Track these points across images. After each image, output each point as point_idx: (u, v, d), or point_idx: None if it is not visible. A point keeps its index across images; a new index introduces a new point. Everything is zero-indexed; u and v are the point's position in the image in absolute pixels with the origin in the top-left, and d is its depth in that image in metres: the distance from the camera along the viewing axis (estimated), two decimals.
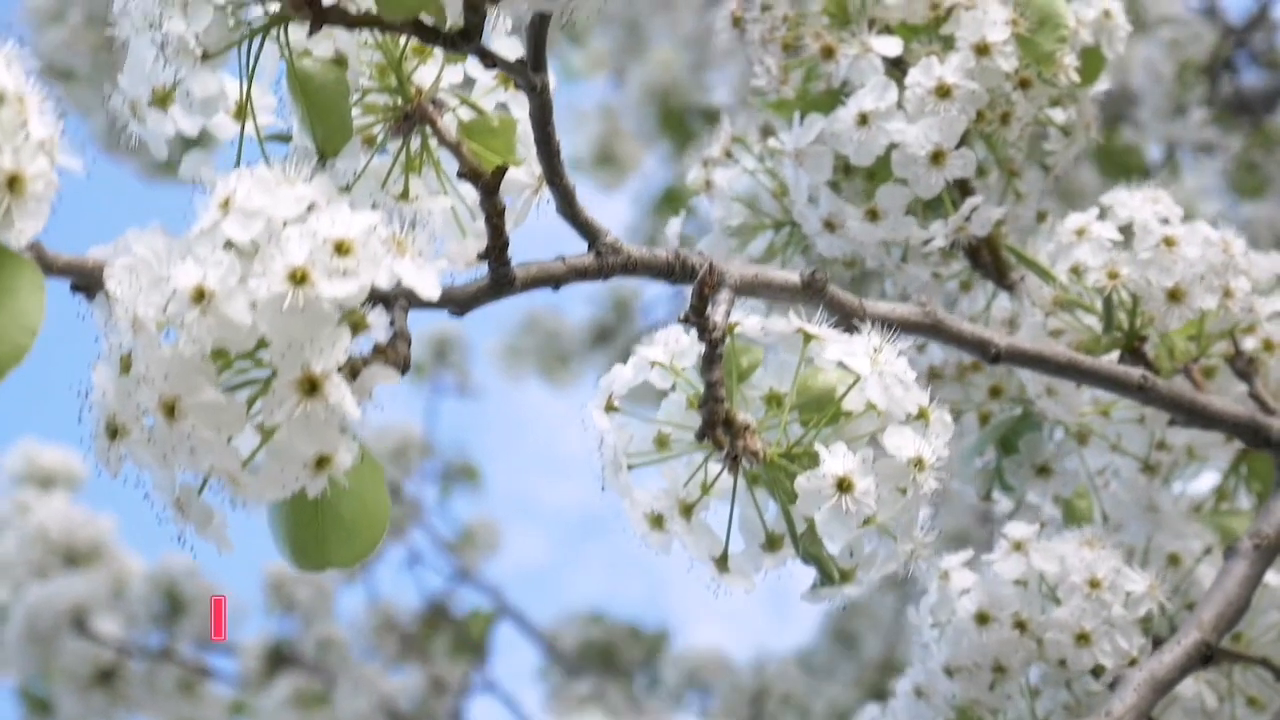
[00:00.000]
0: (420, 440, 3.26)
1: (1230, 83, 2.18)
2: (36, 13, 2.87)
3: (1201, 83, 2.14)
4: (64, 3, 2.85)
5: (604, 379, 0.84)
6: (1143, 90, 2.17)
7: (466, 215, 0.83)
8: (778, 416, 0.83)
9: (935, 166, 0.98)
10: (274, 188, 0.64)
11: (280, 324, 0.62)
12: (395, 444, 3.19)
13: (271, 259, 0.62)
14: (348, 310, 0.64)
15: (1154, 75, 2.14)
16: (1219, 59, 2.15)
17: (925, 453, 0.80)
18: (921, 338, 0.92)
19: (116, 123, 0.73)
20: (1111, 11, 1.05)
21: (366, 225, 0.64)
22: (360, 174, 0.81)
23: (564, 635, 3.24)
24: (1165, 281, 0.98)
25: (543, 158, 0.79)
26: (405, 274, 0.65)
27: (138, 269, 0.64)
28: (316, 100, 0.75)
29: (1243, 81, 2.19)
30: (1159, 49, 2.16)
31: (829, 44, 1.00)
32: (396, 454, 3.19)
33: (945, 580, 0.98)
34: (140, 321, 0.63)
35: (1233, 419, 0.98)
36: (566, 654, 3.20)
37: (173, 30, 0.70)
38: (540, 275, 0.80)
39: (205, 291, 0.61)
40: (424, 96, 0.80)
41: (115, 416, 0.64)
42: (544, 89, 0.77)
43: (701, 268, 0.83)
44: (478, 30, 0.74)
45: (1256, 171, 2.19)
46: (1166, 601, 0.98)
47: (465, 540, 3.28)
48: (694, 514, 0.83)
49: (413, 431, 3.26)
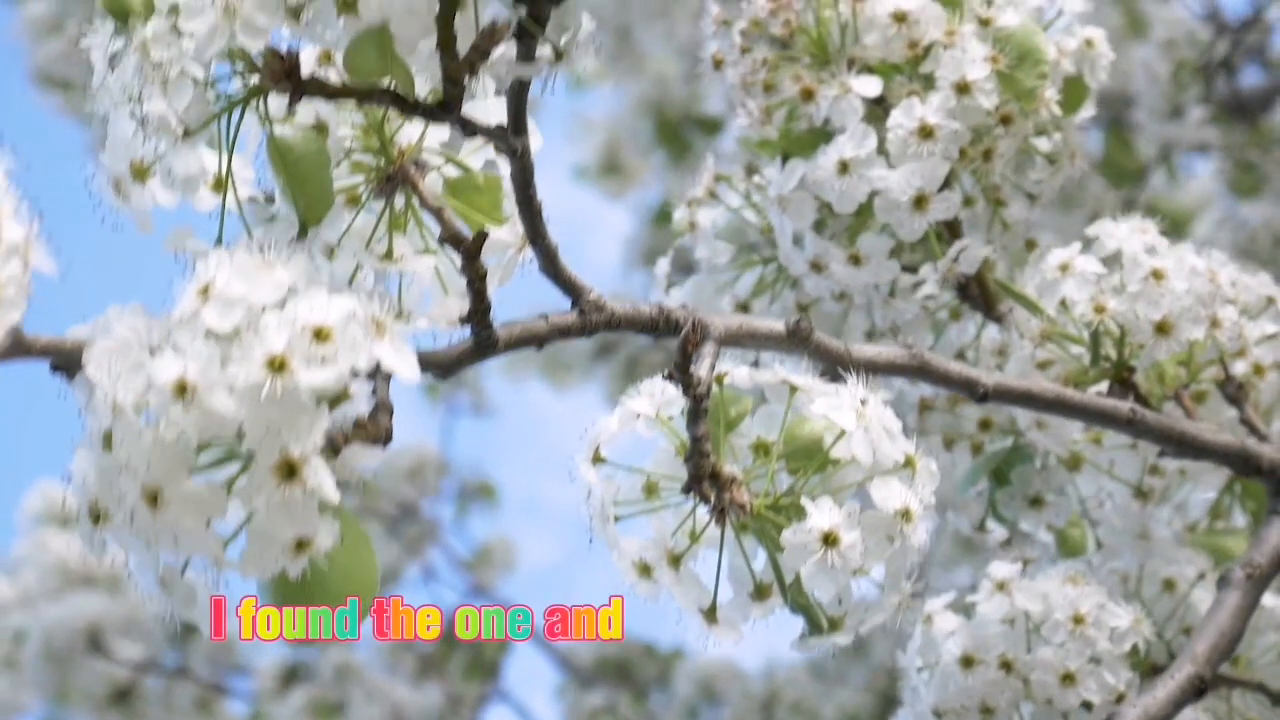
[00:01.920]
0: (436, 459, 3.27)
1: (1226, 83, 2.18)
2: (34, 23, 2.89)
3: (1198, 83, 2.14)
4: (62, 13, 2.86)
5: (590, 431, 0.84)
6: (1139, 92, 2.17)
7: (452, 273, 0.83)
8: (765, 466, 0.84)
9: (918, 211, 0.99)
10: (253, 273, 0.64)
11: (258, 412, 0.62)
12: (411, 463, 3.20)
13: (250, 346, 0.63)
14: None
15: (1150, 76, 2.14)
16: (1215, 59, 2.15)
17: (912, 504, 0.80)
18: (908, 379, 0.92)
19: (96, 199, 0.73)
20: (1093, 40, 1.06)
21: (345, 311, 0.64)
22: (345, 233, 0.81)
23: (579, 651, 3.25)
24: (1153, 314, 0.98)
25: (525, 218, 0.80)
26: (384, 357, 0.65)
27: (117, 352, 0.65)
28: (297, 170, 0.76)
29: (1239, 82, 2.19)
30: (1155, 50, 2.16)
31: (808, 86, 1.00)
32: (413, 473, 3.21)
33: (929, 624, 0.99)
34: (120, 408, 0.63)
35: (1223, 449, 0.99)
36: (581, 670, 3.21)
37: (153, 110, 0.70)
38: (524, 335, 0.81)
39: (187, 385, 0.62)
40: (406, 158, 0.80)
41: (98, 502, 0.64)
42: (525, 152, 0.78)
43: (685, 322, 0.84)
44: (457, 101, 0.74)
45: (1253, 171, 2.19)
46: (1152, 636, 0.98)
47: (481, 559, 3.29)
48: (682, 564, 0.84)
49: (429, 451, 3.27)
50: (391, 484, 3.16)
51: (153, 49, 0.71)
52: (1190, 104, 2.13)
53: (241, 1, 0.70)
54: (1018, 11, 1.02)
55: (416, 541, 3.19)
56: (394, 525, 3.18)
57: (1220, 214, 2.43)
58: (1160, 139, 2.20)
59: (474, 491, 3.36)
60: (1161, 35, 2.16)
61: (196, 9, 0.70)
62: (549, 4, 0.74)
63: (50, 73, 2.81)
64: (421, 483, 3.23)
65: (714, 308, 1.10)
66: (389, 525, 3.17)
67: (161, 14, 0.71)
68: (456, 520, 3.37)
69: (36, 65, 2.81)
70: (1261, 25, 2.17)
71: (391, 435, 0.71)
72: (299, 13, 0.72)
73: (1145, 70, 2.15)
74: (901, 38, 1.00)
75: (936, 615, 0.99)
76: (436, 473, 3.28)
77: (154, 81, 0.70)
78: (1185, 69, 2.14)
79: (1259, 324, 1.05)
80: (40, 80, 2.82)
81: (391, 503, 3.18)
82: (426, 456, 3.23)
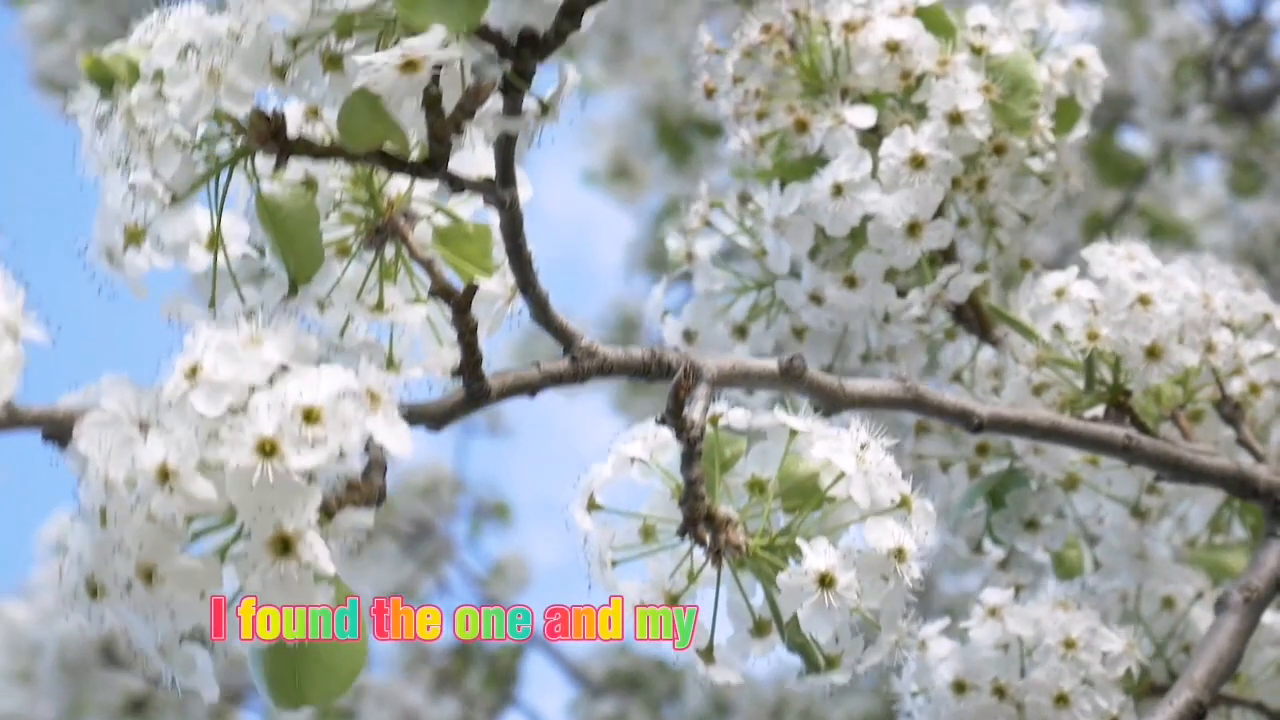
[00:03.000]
0: (451, 478, 3.28)
1: (1227, 82, 2.17)
2: (36, 29, 2.89)
3: (1198, 81, 2.13)
4: (63, 19, 2.86)
5: (583, 479, 0.85)
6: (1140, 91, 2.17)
7: (444, 322, 0.83)
8: (761, 504, 0.84)
9: (911, 238, 0.99)
10: (240, 353, 0.65)
11: (250, 495, 0.63)
12: (427, 481, 3.21)
13: (240, 429, 0.63)
14: None
15: (1151, 74, 2.14)
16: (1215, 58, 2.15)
17: (907, 543, 0.81)
18: (903, 412, 0.93)
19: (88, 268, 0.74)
20: (1085, 61, 1.05)
21: (335, 390, 0.64)
22: (336, 285, 0.81)
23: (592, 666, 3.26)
24: (1142, 340, 0.98)
25: (515, 268, 0.80)
26: (377, 432, 0.66)
27: (107, 426, 0.65)
28: (286, 228, 0.76)
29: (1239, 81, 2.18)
30: (1156, 49, 2.15)
31: (802, 118, 1.00)
32: (427, 491, 3.21)
33: (923, 649, 0.99)
34: (112, 484, 0.64)
35: (1219, 473, 0.99)
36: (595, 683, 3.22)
37: (140, 178, 0.71)
38: (516, 384, 0.81)
39: (169, 471, 0.62)
40: (395, 210, 0.81)
41: (94, 577, 0.65)
42: (513, 203, 0.78)
43: (678, 365, 0.84)
44: (443, 159, 0.74)
45: (1254, 170, 2.19)
46: (1147, 660, 0.98)
47: (496, 575, 3.30)
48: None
49: (443, 469, 3.28)
50: (407, 502, 3.17)
51: (138, 115, 0.71)
52: (1191, 103, 2.13)
53: (226, 66, 0.70)
54: (1010, 39, 1.02)
55: (432, 559, 3.20)
56: (410, 543, 3.19)
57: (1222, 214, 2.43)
58: (1161, 138, 2.20)
59: (489, 510, 3.37)
60: (1163, 34, 2.15)
61: (181, 75, 0.70)
62: (534, 59, 0.74)
63: (52, 77, 2.81)
64: (436, 501, 3.24)
65: (710, 333, 1.11)
66: (405, 543, 3.18)
67: (146, 80, 0.71)
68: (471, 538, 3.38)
69: (38, 69, 2.81)
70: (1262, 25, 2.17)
71: (385, 494, 0.71)
72: (284, 72, 0.72)
73: (1146, 69, 2.15)
74: (894, 67, 1.00)
75: (930, 641, 0.99)
76: (451, 491, 3.29)
77: (140, 148, 0.71)
78: (1186, 68, 2.13)
79: (1255, 342, 1.05)
80: (42, 84, 2.82)
81: (407, 520, 3.19)
82: (441, 475, 3.24)
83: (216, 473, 0.64)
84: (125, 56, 0.72)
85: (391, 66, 0.68)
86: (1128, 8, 2.25)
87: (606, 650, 3.28)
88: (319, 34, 0.71)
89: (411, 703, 2.92)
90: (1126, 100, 2.20)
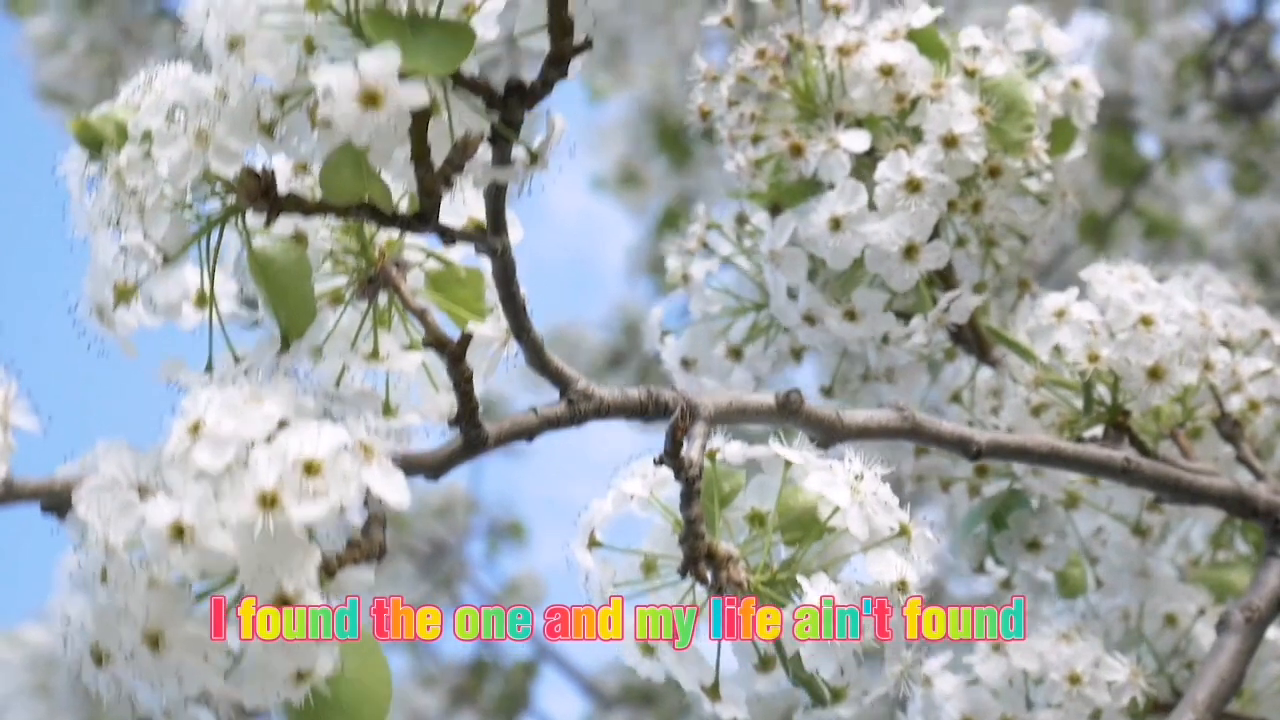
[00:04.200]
0: (466, 498, 3.28)
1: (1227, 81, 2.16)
2: (38, 41, 2.88)
3: (1199, 81, 2.13)
4: (66, 30, 2.86)
5: (584, 516, 0.85)
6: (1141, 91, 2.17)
7: (439, 367, 0.83)
8: (761, 538, 0.84)
9: (908, 261, 0.99)
10: (241, 408, 0.65)
11: (251, 549, 0.63)
12: (442, 502, 3.21)
13: (241, 482, 0.63)
14: None
15: (1152, 73, 2.13)
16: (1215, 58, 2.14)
17: (909, 575, 0.81)
18: (901, 442, 0.93)
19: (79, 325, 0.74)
20: (1080, 81, 1.05)
21: (335, 444, 0.65)
22: (330, 334, 0.81)
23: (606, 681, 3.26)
24: (1144, 360, 0.98)
25: (509, 314, 0.80)
26: (374, 483, 0.66)
27: (105, 492, 0.65)
28: (278, 283, 0.76)
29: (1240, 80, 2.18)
30: (1157, 48, 2.15)
31: (797, 142, 1.00)
32: (443, 511, 3.21)
33: (928, 686, 0.99)
34: (113, 550, 0.64)
35: (1219, 493, 0.99)
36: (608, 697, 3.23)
37: (131, 241, 0.71)
38: (513, 430, 0.81)
39: (184, 527, 0.63)
40: (387, 259, 0.81)
41: (99, 644, 0.65)
42: (505, 250, 0.78)
43: (675, 405, 0.84)
44: (433, 212, 0.74)
45: (1255, 169, 2.19)
46: (1150, 687, 0.98)
47: (510, 592, 3.31)
48: None
49: (458, 489, 3.28)
50: (423, 523, 3.17)
51: (128, 176, 0.71)
52: (1192, 102, 2.12)
53: (214, 126, 0.70)
54: (1004, 60, 1.01)
55: (447, 579, 3.20)
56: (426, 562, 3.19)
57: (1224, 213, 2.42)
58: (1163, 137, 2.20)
59: (504, 530, 3.37)
60: (1164, 34, 2.15)
61: (169, 137, 0.70)
62: (522, 109, 0.74)
63: (54, 89, 2.80)
64: (452, 521, 3.24)
65: (708, 357, 1.11)
66: (421, 563, 3.18)
67: (135, 141, 0.71)
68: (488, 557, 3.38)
69: (40, 81, 2.81)
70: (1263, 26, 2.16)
71: (385, 549, 0.71)
72: (272, 129, 0.72)
73: (1147, 68, 2.14)
74: (889, 91, 1.00)
75: (935, 677, 0.99)
76: (466, 511, 3.29)
77: (131, 209, 0.71)
78: (1188, 67, 2.13)
79: (1253, 359, 1.05)
80: (44, 96, 2.82)
81: (424, 540, 3.19)
82: (456, 496, 3.24)
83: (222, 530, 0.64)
84: (113, 118, 0.72)
85: (350, 98, 0.67)
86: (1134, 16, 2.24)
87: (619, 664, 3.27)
88: (306, 91, 0.71)
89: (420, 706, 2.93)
90: (1129, 101, 2.20)
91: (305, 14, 0.71)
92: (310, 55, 0.71)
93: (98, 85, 2.82)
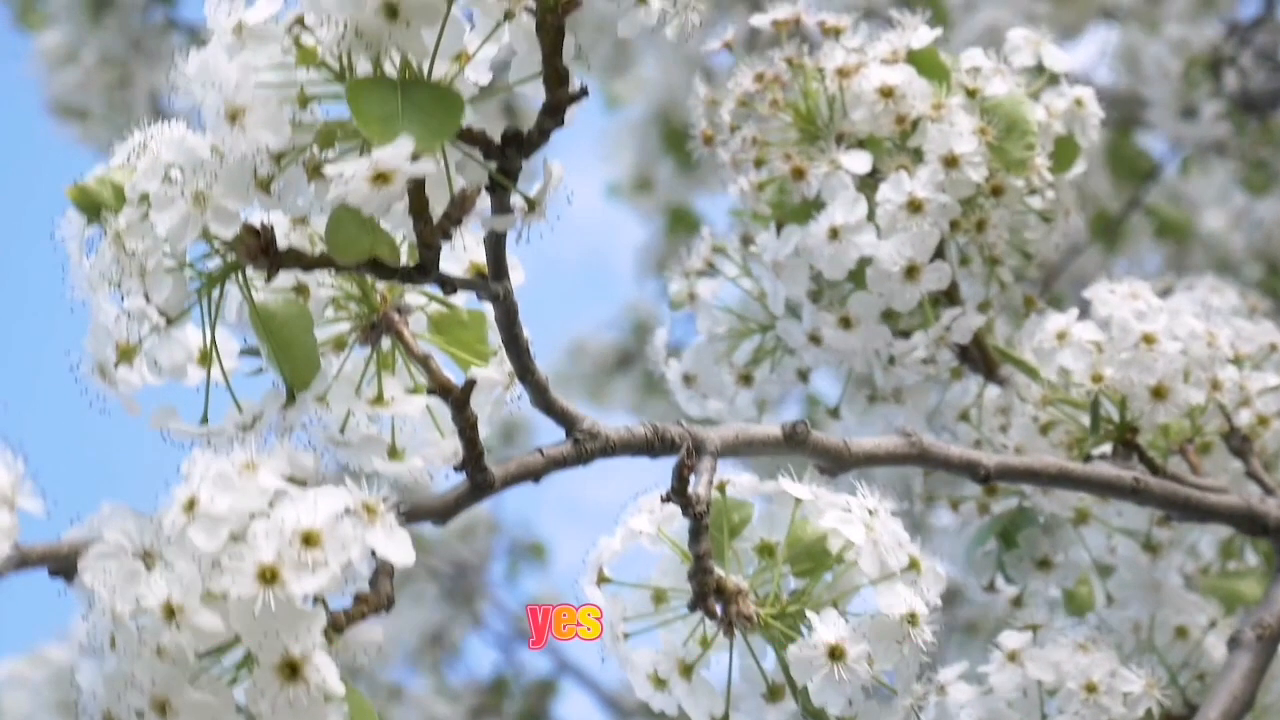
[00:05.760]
0: (487, 519, 3.29)
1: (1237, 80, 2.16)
2: (49, 54, 2.88)
3: (1208, 80, 2.12)
4: (77, 43, 2.86)
5: (592, 554, 0.85)
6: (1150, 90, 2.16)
7: (444, 410, 0.83)
8: (771, 570, 0.85)
9: (910, 282, 0.99)
10: (237, 481, 0.65)
11: (254, 623, 0.64)
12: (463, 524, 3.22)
13: (240, 557, 0.64)
14: None
15: (1161, 73, 2.12)
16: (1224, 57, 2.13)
17: (918, 607, 0.81)
18: (909, 467, 0.93)
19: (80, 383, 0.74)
20: (1083, 100, 1.05)
21: (333, 511, 0.65)
22: (334, 380, 0.82)
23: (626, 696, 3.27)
24: (1148, 380, 0.98)
25: (512, 357, 0.80)
26: (377, 545, 0.66)
27: (110, 558, 0.66)
28: (281, 336, 0.76)
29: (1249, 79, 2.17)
30: (1166, 47, 2.14)
31: (799, 166, 1.00)
32: (465, 533, 3.22)
33: (943, 694, 0.99)
34: (119, 618, 0.65)
35: (1228, 510, 0.99)
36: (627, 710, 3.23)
37: (133, 305, 0.71)
38: (519, 472, 0.81)
39: (174, 608, 0.63)
40: (388, 305, 0.81)
41: (110, 712, 0.66)
42: (507, 295, 0.78)
43: (681, 441, 0.84)
44: (433, 263, 0.75)
45: (1265, 169, 2.18)
46: (1165, 698, 0.99)
47: None
48: (694, 673, 0.85)
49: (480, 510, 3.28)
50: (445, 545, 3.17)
51: (127, 240, 0.71)
52: (1202, 101, 2.11)
53: (211, 188, 0.70)
54: (1005, 80, 1.01)
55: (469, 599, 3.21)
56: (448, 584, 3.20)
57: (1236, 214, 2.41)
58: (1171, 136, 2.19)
59: (525, 551, 3.37)
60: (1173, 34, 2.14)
61: (166, 200, 0.70)
62: (519, 159, 0.74)
63: (67, 102, 2.81)
64: (473, 542, 3.24)
65: (714, 378, 1.11)
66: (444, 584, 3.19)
67: (132, 203, 0.72)
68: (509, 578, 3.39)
69: (53, 95, 2.81)
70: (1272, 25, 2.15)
71: (393, 601, 0.72)
72: (269, 184, 0.72)
73: (1157, 67, 2.13)
74: (889, 113, 1.00)
75: (950, 686, 1.00)
76: (488, 532, 3.29)
77: (131, 273, 0.71)
78: (1197, 67, 2.12)
79: (1262, 374, 1.05)
80: (58, 110, 2.82)
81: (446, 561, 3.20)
82: (477, 517, 3.24)
83: (221, 602, 0.65)
84: (110, 180, 0.73)
85: (363, 179, 0.68)
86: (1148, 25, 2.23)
87: None
88: (302, 148, 0.71)
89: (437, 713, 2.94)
90: (1139, 101, 2.19)
91: (297, 70, 0.71)
92: (304, 109, 0.72)
93: (108, 97, 2.83)
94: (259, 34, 0.70)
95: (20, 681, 2.65)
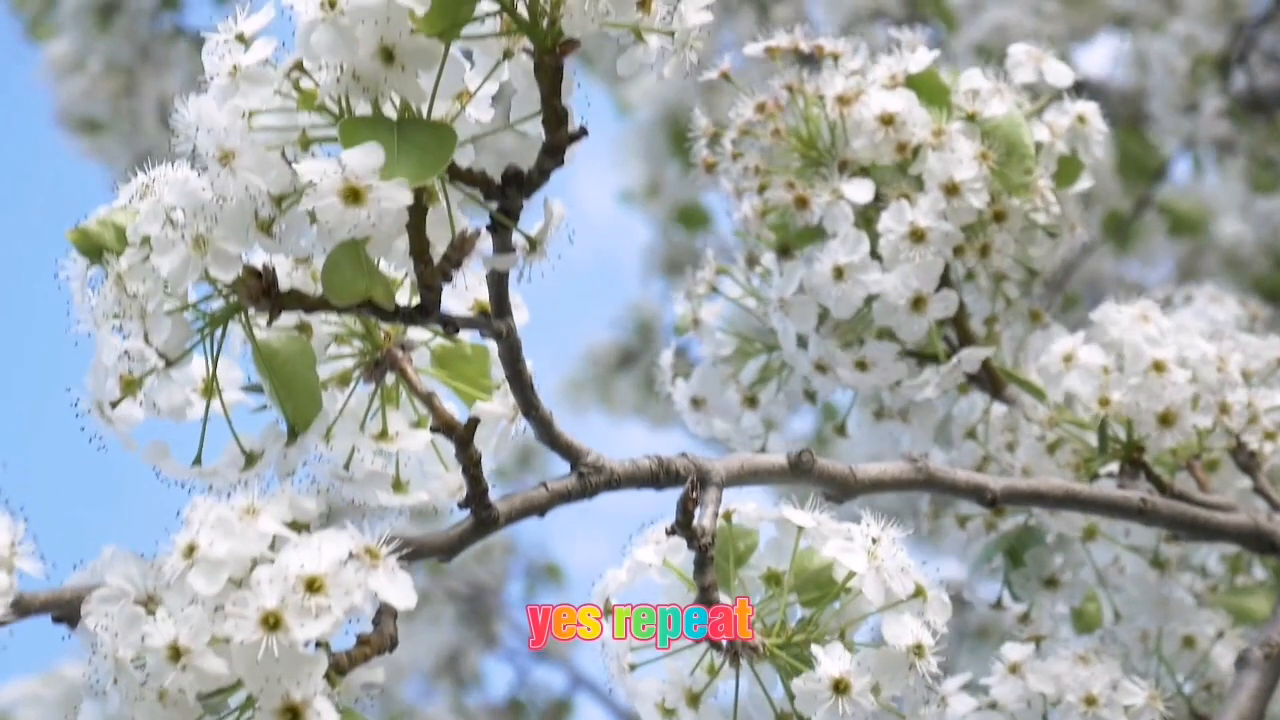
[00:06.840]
0: (504, 541, 3.29)
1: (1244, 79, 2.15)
2: (56, 63, 2.89)
3: (1215, 78, 2.12)
4: (83, 51, 2.86)
5: (598, 586, 0.85)
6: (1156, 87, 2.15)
7: (448, 445, 0.84)
8: (777, 598, 0.85)
9: (917, 313, 0.99)
10: (237, 526, 0.65)
11: (257, 668, 0.64)
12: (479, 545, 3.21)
13: (243, 603, 0.64)
14: None
15: (1168, 70, 2.12)
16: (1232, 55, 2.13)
17: (924, 637, 0.81)
18: (916, 492, 0.93)
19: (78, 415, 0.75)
20: (1086, 116, 1.05)
21: (336, 557, 0.65)
22: (339, 415, 0.82)
23: None
24: (1155, 407, 0.98)
25: (516, 393, 0.80)
26: (380, 589, 0.67)
27: (112, 604, 0.66)
28: (283, 375, 0.77)
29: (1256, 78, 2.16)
30: (1173, 44, 2.14)
31: (802, 195, 1.00)
32: (481, 555, 3.23)
33: (944, 706, 0.99)
34: (121, 663, 0.65)
35: (1235, 529, 0.99)
36: None
37: (133, 346, 0.71)
38: (524, 507, 0.82)
39: (180, 650, 0.63)
40: (392, 342, 0.81)
41: None
42: (510, 332, 0.78)
43: (686, 473, 0.84)
44: (435, 304, 0.75)
45: (1272, 167, 2.17)
46: (1169, 712, 0.98)
47: None
48: (701, 702, 0.85)
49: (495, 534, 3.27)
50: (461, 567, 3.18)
51: (129, 281, 0.71)
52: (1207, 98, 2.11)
53: (211, 231, 0.71)
54: (1004, 99, 1.01)
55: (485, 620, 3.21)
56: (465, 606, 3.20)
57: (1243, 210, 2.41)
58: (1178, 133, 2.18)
59: (541, 572, 3.38)
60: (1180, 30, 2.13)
61: (167, 244, 0.71)
62: (520, 198, 0.74)
63: (76, 113, 2.81)
64: (489, 564, 3.25)
65: (720, 399, 1.11)
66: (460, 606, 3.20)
67: (134, 245, 0.72)
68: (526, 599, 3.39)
69: (61, 106, 2.82)
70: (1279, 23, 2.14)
71: (396, 640, 0.72)
72: (270, 226, 0.72)
73: (1163, 64, 2.13)
74: (890, 141, 1.00)
75: (951, 697, 0.99)
76: (504, 554, 3.30)
77: (132, 315, 0.71)
78: (1204, 64, 2.12)
79: (1270, 390, 1.04)
80: (66, 121, 2.83)
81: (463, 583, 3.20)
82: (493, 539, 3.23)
83: (224, 646, 0.65)
84: (112, 222, 0.73)
85: (334, 193, 0.68)
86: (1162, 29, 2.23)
87: None
88: (303, 190, 0.71)
89: None
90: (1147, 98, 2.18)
91: (299, 114, 0.71)
92: (306, 151, 0.72)
93: (116, 105, 2.83)
94: (253, 76, 0.70)
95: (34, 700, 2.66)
